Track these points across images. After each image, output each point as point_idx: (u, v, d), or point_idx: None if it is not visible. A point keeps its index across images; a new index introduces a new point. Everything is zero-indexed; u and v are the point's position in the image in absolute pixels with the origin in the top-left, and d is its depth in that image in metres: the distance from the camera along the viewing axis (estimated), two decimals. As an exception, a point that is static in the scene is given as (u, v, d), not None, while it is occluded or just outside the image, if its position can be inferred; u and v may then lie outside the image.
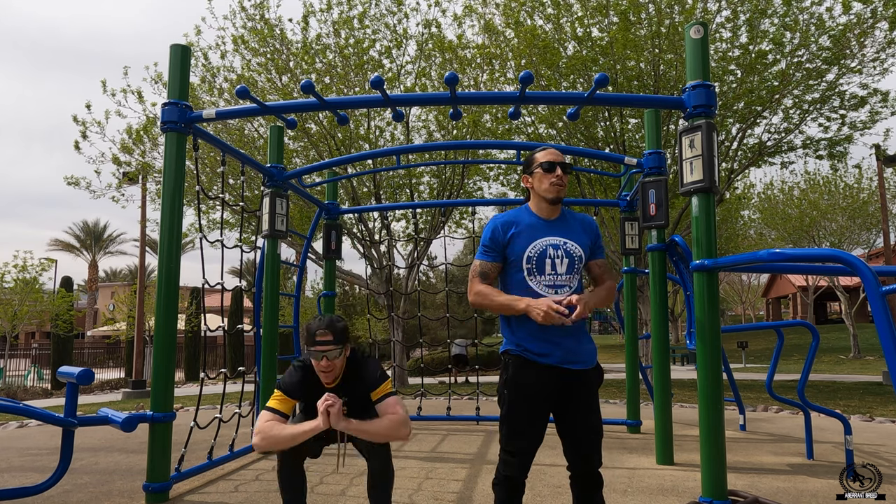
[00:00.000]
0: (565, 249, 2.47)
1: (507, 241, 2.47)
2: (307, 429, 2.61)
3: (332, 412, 2.59)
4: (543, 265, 2.44)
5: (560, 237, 2.48)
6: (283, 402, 2.76)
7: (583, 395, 2.42)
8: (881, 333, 2.17)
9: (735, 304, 54.27)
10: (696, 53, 3.57)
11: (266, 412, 2.73)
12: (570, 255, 2.47)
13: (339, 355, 2.73)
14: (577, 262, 2.47)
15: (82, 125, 13.10)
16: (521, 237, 2.47)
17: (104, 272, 49.88)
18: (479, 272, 2.48)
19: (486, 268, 2.49)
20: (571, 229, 2.52)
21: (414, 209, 9.39)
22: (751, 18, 10.81)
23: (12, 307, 21.49)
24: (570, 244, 2.48)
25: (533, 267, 2.45)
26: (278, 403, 2.75)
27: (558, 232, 2.49)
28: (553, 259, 2.44)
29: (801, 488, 4.00)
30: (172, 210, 4.05)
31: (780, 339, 5.13)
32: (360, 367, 2.84)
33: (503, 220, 2.51)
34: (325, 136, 12.65)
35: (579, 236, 2.52)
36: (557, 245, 2.47)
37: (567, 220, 2.56)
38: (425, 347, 25.16)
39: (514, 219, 2.52)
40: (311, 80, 4.29)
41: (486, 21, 12.73)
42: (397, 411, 2.69)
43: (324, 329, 2.71)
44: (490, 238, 2.49)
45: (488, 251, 2.49)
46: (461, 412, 7.69)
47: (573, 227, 2.54)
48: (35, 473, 4.57)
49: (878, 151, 14.08)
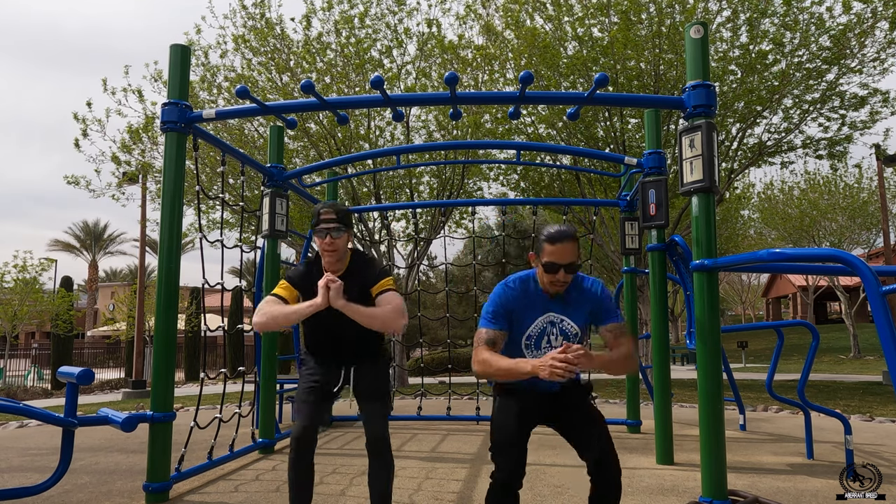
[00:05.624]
0: (561, 328, 2.49)
1: (512, 311, 2.46)
2: (305, 306, 2.65)
3: (333, 287, 2.61)
4: (540, 342, 2.49)
5: (559, 314, 2.49)
6: (287, 289, 2.80)
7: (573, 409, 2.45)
8: (881, 333, 2.17)
9: (735, 304, 54.28)
10: (696, 53, 3.57)
11: (269, 297, 2.79)
12: (566, 334, 2.49)
13: (342, 234, 2.77)
14: (572, 340, 2.48)
15: (83, 123, 13.09)
16: (524, 314, 2.47)
17: (104, 272, 49.91)
18: (486, 339, 2.43)
19: (492, 335, 2.44)
20: (571, 304, 2.50)
21: (414, 209, 9.39)
22: (751, 18, 10.81)
23: (12, 307, 21.50)
24: (566, 322, 2.49)
25: (531, 344, 2.49)
26: (281, 290, 2.80)
27: (558, 308, 2.49)
28: (549, 336, 2.48)
29: (801, 488, 4.00)
30: (172, 210, 4.05)
31: (780, 339, 5.13)
32: (363, 263, 2.88)
33: (510, 289, 2.49)
34: (325, 136, 12.65)
35: (577, 313, 2.50)
36: (555, 322, 2.49)
37: (571, 292, 2.51)
38: (425, 347, 25.15)
39: (521, 289, 2.49)
40: (311, 79, 4.29)
41: (487, 22, 12.74)
42: (394, 302, 2.72)
43: (328, 208, 2.78)
44: (497, 305, 2.47)
45: (497, 319, 2.46)
46: (461, 412, 7.69)
47: (574, 301, 2.50)
48: (35, 473, 4.57)
49: (878, 151, 14.07)
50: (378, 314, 2.68)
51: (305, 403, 2.78)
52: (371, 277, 2.81)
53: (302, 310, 2.65)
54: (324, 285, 2.63)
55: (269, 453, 5.41)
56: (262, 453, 5.39)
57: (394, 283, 2.83)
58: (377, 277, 2.81)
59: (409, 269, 14.26)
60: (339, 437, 6.21)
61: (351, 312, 2.65)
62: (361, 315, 2.66)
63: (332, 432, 6.56)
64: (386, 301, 2.73)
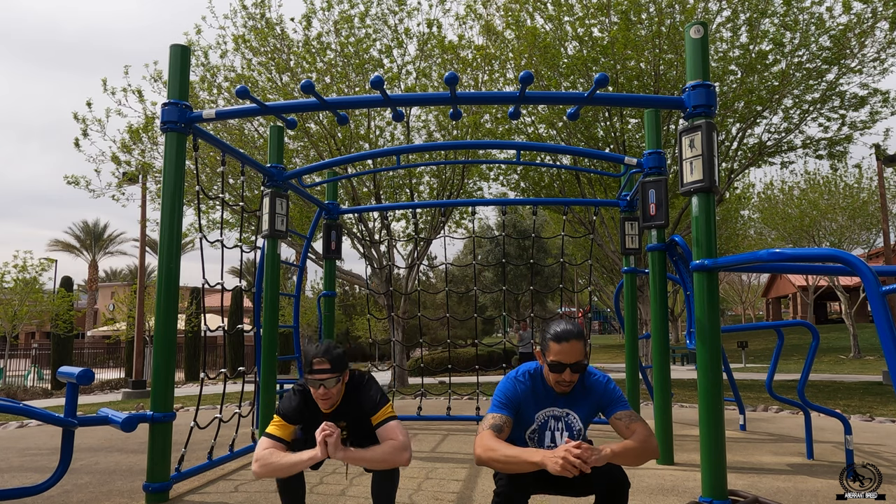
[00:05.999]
0: (566, 422, 2.49)
1: (519, 405, 2.46)
2: (305, 458, 2.59)
3: (330, 442, 2.55)
4: (544, 437, 2.48)
5: (563, 408, 2.49)
6: (282, 427, 2.73)
7: None
8: (881, 333, 2.17)
9: (735, 304, 54.25)
10: (697, 53, 3.57)
11: (265, 439, 2.70)
12: (570, 428, 2.49)
13: (337, 383, 2.71)
14: (576, 435, 2.48)
15: (83, 123, 13.09)
16: (529, 407, 2.48)
17: (104, 272, 49.92)
18: (492, 425, 2.38)
19: (501, 421, 2.40)
20: (576, 399, 2.49)
21: (414, 209, 9.38)
22: (751, 18, 10.82)
23: (12, 307, 21.50)
24: (571, 416, 2.49)
25: (535, 437, 2.49)
26: (277, 430, 2.72)
27: (563, 403, 2.49)
28: (553, 431, 2.48)
29: (801, 488, 4.00)
30: (172, 210, 4.05)
31: (780, 339, 5.13)
32: (359, 391, 2.81)
33: (518, 382, 2.48)
34: (325, 136, 12.65)
35: (581, 408, 2.50)
36: (559, 417, 2.49)
37: (577, 388, 2.50)
38: (425, 347, 25.14)
39: (529, 384, 2.48)
40: (311, 79, 4.29)
41: (487, 22, 12.74)
42: (397, 437, 2.65)
43: (321, 357, 2.68)
44: (505, 394, 2.46)
45: (504, 406, 2.44)
46: (461, 412, 7.69)
47: (579, 395, 2.50)
48: (35, 473, 4.57)
49: (878, 151, 14.07)
50: (381, 456, 2.62)
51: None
52: (369, 406, 2.75)
53: (303, 462, 2.59)
54: (321, 441, 2.56)
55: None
56: (262, 453, 5.38)
57: (392, 410, 2.78)
58: (376, 407, 2.74)
59: (409, 269, 14.27)
60: (339, 437, 6.21)
61: (352, 462, 2.63)
62: (364, 462, 2.64)
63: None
64: (387, 435, 2.67)
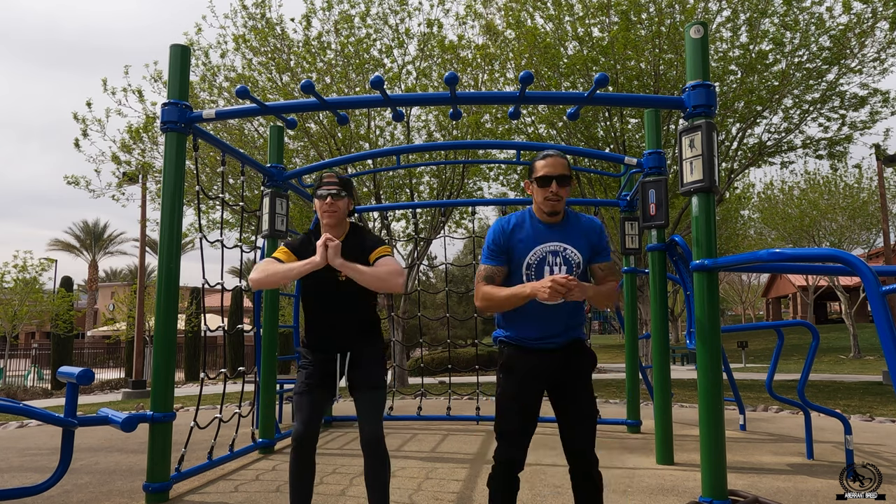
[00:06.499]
0: (564, 256, 2.48)
1: (510, 246, 2.48)
2: (303, 263, 2.66)
3: (331, 246, 2.63)
4: (542, 272, 2.46)
5: (560, 243, 2.49)
6: (286, 254, 2.83)
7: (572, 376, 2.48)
8: (881, 333, 2.17)
9: (735, 304, 54.26)
10: (696, 53, 3.57)
11: (267, 258, 2.84)
12: (569, 262, 2.48)
13: (342, 198, 2.83)
14: (574, 269, 2.48)
15: (83, 123, 13.09)
16: (522, 244, 2.48)
17: (104, 272, 49.91)
18: (485, 276, 2.48)
19: (491, 271, 2.49)
20: (572, 234, 2.51)
21: (414, 209, 9.39)
22: (751, 18, 10.81)
23: (12, 307, 21.50)
24: (569, 250, 2.48)
25: (532, 273, 2.47)
26: (280, 255, 2.83)
27: (558, 237, 2.49)
28: (552, 266, 2.47)
29: (801, 488, 4.00)
30: (172, 210, 4.05)
31: (780, 339, 5.13)
32: (361, 233, 2.94)
33: (506, 223, 2.51)
34: (325, 136, 12.65)
35: (579, 241, 2.50)
36: (557, 251, 2.48)
37: (570, 223, 2.53)
38: (425, 347, 25.15)
39: (517, 223, 2.52)
40: (311, 79, 4.29)
41: (487, 21, 12.73)
42: (392, 263, 2.74)
43: (330, 173, 2.90)
44: (493, 241, 2.50)
45: (493, 255, 2.49)
46: (461, 412, 7.69)
47: (574, 231, 2.52)
48: (35, 473, 4.57)
49: (878, 151, 14.08)
50: (377, 272, 2.68)
51: (303, 402, 2.78)
52: (368, 244, 2.85)
53: (299, 267, 2.66)
54: (322, 244, 2.65)
55: (269, 453, 5.41)
56: (262, 453, 5.39)
57: (391, 251, 2.86)
58: (374, 245, 2.85)
59: (408, 269, 14.26)
60: (339, 437, 6.21)
61: (349, 270, 2.66)
62: (360, 273, 2.66)
63: (332, 432, 6.56)
64: (384, 263, 2.75)
